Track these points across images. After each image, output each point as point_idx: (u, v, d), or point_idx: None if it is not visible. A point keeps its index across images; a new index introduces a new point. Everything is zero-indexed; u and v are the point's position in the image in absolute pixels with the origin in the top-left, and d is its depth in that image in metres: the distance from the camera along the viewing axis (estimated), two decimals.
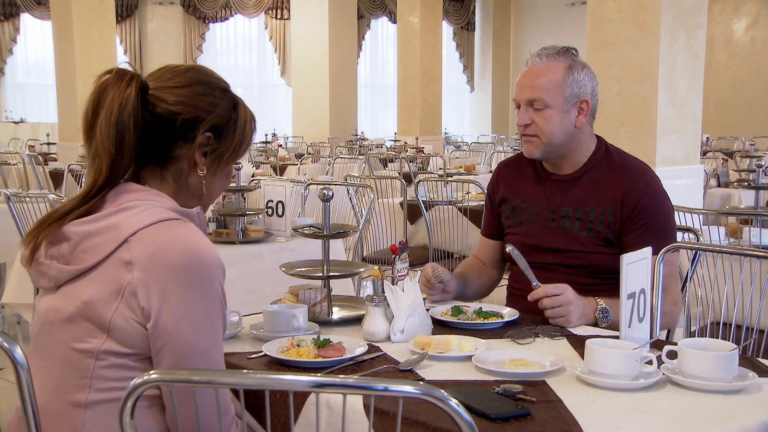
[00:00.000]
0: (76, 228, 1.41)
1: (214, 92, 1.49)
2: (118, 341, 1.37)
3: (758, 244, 3.50)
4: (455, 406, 1.04)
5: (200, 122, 1.46)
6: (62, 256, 1.41)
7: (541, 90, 2.12)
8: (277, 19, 16.24)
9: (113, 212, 1.40)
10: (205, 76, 1.50)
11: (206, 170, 1.49)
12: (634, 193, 2.11)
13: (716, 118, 14.09)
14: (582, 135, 2.18)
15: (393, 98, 14.47)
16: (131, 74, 1.44)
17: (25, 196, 3.97)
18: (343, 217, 4.92)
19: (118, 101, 1.40)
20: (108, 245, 1.37)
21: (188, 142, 1.47)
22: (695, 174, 4.58)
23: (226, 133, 1.49)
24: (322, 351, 1.65)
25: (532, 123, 2.14)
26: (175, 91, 1.45)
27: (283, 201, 3.55)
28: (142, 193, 1.44)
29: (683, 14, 4.29)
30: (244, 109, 1.54)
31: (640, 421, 1.33)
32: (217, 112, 1.48)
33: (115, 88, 1.41)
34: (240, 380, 1.18)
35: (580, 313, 1.96)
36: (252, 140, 1.56)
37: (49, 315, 1.44)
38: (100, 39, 9.48)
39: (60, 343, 1.41)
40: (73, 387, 1.39)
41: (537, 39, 17.87)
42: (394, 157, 8.99)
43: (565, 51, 2.16)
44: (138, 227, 1.37)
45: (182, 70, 1.49)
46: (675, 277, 2.16)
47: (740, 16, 15.02)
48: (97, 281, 1.37)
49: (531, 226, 2.24)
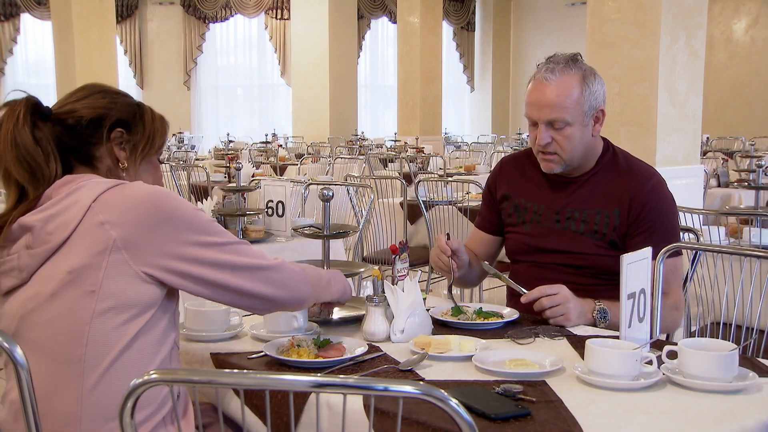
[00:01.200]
0: (34, 217, 1.46)
1: (111, 95, 1.61)
2: (112, 299, 1.41)
3: (758, 244, 3.50)
4: (455, 406, 1.04)
5: (104, 119, 1.57)
6: (27, 245, 1.46)
7: (561, 110, 2.07)
8: (277, 19, 16.24)
9: (67, 194, 1.47)
10: (102, 86, 1.63)
11: (127, 163, 1.59)
12: (641, 197, 2.10)
13: (716, 118, 14.09)
14: (596, 141, 2.18)
15: (393, 98, 14.48)
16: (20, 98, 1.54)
17: None
18: (343, 217, 4.92)
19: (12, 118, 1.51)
20: (74, 218, 1.43)
21: (103, 140, 1.57)
22: (695, 174, 4.59)
23: (135, 127, 1.61)
24: (322, 351, 1.65)
25: (552, 141, 2.11)
26: (76, 103, 1.58)
27: (283, 201, 3.55)
28: (82, 177, 1.53)
29: (683, 14, 4.30)
30: (148, 107, 1.66)
31: (640, 421, 1.33)
32: (118, 107, 1.59)
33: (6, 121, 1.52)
34: (240, 380, 1.18)
35: (579, 311, 1.96)
36: (165, 135, 1.67)
37: (27, 305, 1.46)
38: (100, 39, 9.49)
39: (47, 323, 1.44)
40: (69, 361, 1.42)
41: (537, 39, 17.89)
42: (394, 157, 8.99)
43: (574, 60, 2.12)
44: (97, 193, 1.45)
45: (79, 88, 1.64)
46: (678, 282, 2.15)
47: (740, 16, 15.02)
48: (74, 251, 1.42)
49: (534, 226, 2.23)
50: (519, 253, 2.27)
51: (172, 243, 1.44)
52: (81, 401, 1.41)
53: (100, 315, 1.41)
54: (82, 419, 1.41)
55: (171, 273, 1.45)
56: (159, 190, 1.49)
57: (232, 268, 1.50)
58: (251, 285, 1.52)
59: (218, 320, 1.85)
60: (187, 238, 1.46)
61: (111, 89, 1.63)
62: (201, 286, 1.49)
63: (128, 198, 1.45)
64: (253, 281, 1.53)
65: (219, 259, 1.48)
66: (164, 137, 1.67)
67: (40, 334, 1.44)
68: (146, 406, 1.44)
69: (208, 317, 1.86)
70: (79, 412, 1.41)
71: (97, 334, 1.41)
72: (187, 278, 1.47)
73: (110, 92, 1.62)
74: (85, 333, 1.41)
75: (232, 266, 1.50)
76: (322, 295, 1.72)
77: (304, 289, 1.62)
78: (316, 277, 1.69)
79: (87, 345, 1.41)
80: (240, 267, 1.51)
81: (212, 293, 1.51)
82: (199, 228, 1.48)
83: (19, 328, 1.47)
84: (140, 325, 1.44)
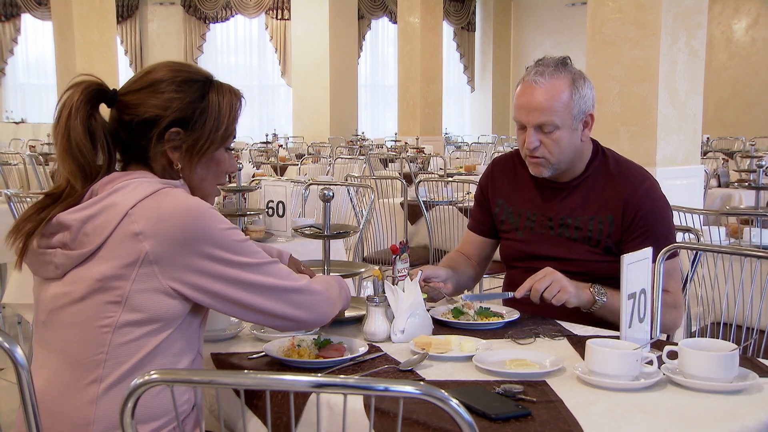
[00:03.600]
0: (73, 215, 1.44)
1: (176, 86, 1.51)
2: (137, 311, 1.41)
3: (758, 244, 3.50)
4: (456, 406, 1.04)
5: (159, 119, 1.50)
6: (64, 243, 1.45)
7: (550, 113, 2.04)
8: (278, 19, 16.24)
9: (107, 194, 1.45)
10: (172, 72, 1.53)
11: (182, 164, 1.54)
12: (634, 201, 2.08)
13: (716, 118, 14.10)
14: (585, 145, 2.15)
15: (393, 98, 14.48)
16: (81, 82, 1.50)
17: (26, 197, 3.98)
18: (343, 218, 4.92)
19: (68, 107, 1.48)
20: (110, 222, 1.41)
21: (158, 140, 1.51)
22: (695, 174, 4.58)
23: (195, 124, 1.52)
24: (323, 351, 1.65)
25: (540, 145, 2.08)
26: (138, 93, 1.51)
27: (283, 201, 3.55)
28: (129, 175, 1.50)
29: (683, 14, 4.29)
30: (217, 95, 1.55)
31: (640, 421, 1.33)
32: (175, 106, 1.50)
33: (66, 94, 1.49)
34: (240, 380, 1.18)
35: (573, 285, 1.95)
36: (231, 126, 1.57)
37: (57, 301, 1.46)
38: (100, 39, 9.50)
39: (72, 325, 1.44)
40: (88, 364, 1.42)
41: (537, 39, 17.89)
42: (395, 157, 8.99)
43: (563, 63, 2.09)
44: (136, 200, 1.43)
45: (149, 69, 1.55)
46: (677, 282, 2.14)
47: (740, 16, 15.01)
48: (107, 258, 1.41)
49: (528, 233, 2.21)
50: (514, 259, 2.26)
51: (201, 261, 1.43)
52: (95, 406, 1.41)
53: (123, 326, 1.41)
54: (94, 424, 1.41)
55: (197, 290, 1.44)
56: (196, 205, 1.45)
57: (260, 290, 1.49)
58: (278, 306, 1.52)
59: (219, 320, 1.85)
60: (217, 256, 1.44)
61: (181, 77, 1.53)
62: (227, 305, 1.48)
63: (164, 210, 1.42)
64: (281, 303, 1.52)
65: (247, 280, 1.47)
66: (231, 128, 1.57)
67: (65, 334, 1.45)
68: (161, 415, 1.44)
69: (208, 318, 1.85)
70: (91, 416, 1.41)
71: (118, 343, 1.41)
72: (214, 296, 1.46)
73: (177, 82, 1.52)
74: (107, 341, 1.41)
75: (260, 287, 1.49)
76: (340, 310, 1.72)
77: (328, 310, 1.62)
78: (336, 293, 1.68)
79: (108, 352, 1.42)
80: (268, 288, 1.50)
81: (238, 312, 1.50)
82: (230, 247, 1.45)
83: (48, 320, 1.48)
84: (161, 338, 1.44)
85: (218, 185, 1.63)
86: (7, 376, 3.96)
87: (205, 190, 1.60)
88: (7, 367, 3.80)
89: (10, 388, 3.85)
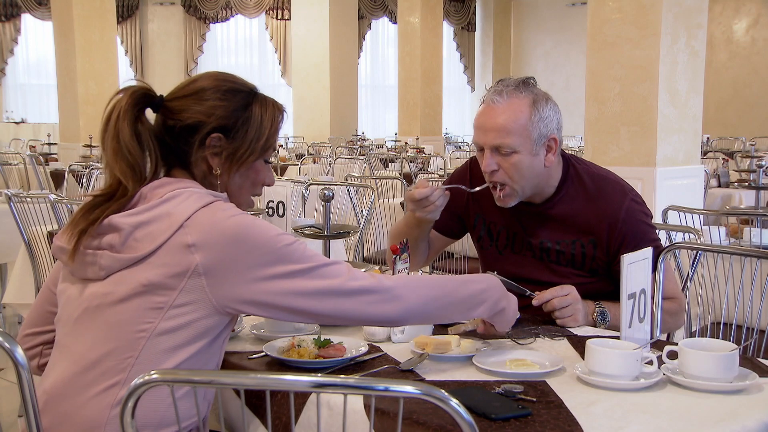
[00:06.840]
0: (126, 219, 1.45)
1: (221, 94, 1.54)
2: (177, 321, 1.40)
3: (758, 244, 3.50)
4: (456, 406, 1.04)
5: (202, 125, 1.53)
6: (112, 246, 1.45)
7: (506, 134, 1.95)
8: (278, 19, 16.25)
9: (160, 202, 1.46)
10: (217, 82, 1.56)
11: (221, 170, 1.56)
12: (618, 228, 2.02)
13: (717, 118, 14.10)
14: (551, 169, 2.05)
15: (393, 98, 14.48)
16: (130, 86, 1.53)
17: (26, 197, 3.97)
18: (343, 218, 4.92)
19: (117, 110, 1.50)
20: (164, 231, 1.42)
21: (200, 146, 1.54)
22: (696, 174, 4.59)
23: (237, 133, 1.55)
24: (323, 351, 1.65)
25: (499, 169, 1.99)
26: (184, 99, 1.55)
27: (283, 201, 3.55)
28: (179, 183, 1.51)
29: (684, 14, 4.30)
30: (260, 107, 1.58)
31: (640, 421, 1.33)
32: (219, 113, 1.53)
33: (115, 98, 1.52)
34: (240, 380, 1.18)
35: (583, 317, 1.95)
36: (273, 138, 1.59)
37: (95, 300, 1.45)
38: (100, 39, 9.50)
39: (108, 325, 1.43)
40: (114, 368, 1.41)
41: (537, 39, 17.89)
42: (395, 157, 9.00)
43: (525, 84, 2.00)
44: (191, 212, 1.43)
45: (187, 82, 1.59)
46: (675, 281, 2.14)
47: (741, 17, 15.02)
48: (156, 265, 1.41)
49: (509, 252, 2.15)
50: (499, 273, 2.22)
51: (255, 276, 1.40)
52: (109, 411, 1.40)
53: (160, 334, 1.40)
54: (105, 428, 1.40)
55: (252, 305, 1.42)
56: (245, 219, 1.44)
57: (316, 295, 1.44)
58: (337, 309, 1.46)
59: None
60: (269, 270, 1.42)
61: (226, 86, 1.56)
62: (285, 313, 1.45)
63: (217, 223, 1.42)
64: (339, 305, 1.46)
65: (303, 288, 1.43)
66: (271, 140, 1.59)
67: (96, 333, 1.44)
68: (170, 424, 1.42)
69: None
70: (103, 420, 1.40)
71: (151, 350, 1.40)
72: (271, 309, 1.44)
73: (222, 91, 1.55)
74: (140, 346, 1.41)
75: (316, 293, 1.44)
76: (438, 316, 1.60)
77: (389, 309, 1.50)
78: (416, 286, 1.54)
79: (137, 357, 1.41)
80: (325, 292, 1.45)
81: (297, 318, 1.48)
82: (282, 256, 1.42)
83: (80, 317, 1.47)
84: (193, 350, 1.43)
85: (253, 195, 1.65)
86: (7, 376, 3.96)
87: (241, 199, 1.62)
88: (7, 367, 3.80)
89: (10, 388, 3.85)
